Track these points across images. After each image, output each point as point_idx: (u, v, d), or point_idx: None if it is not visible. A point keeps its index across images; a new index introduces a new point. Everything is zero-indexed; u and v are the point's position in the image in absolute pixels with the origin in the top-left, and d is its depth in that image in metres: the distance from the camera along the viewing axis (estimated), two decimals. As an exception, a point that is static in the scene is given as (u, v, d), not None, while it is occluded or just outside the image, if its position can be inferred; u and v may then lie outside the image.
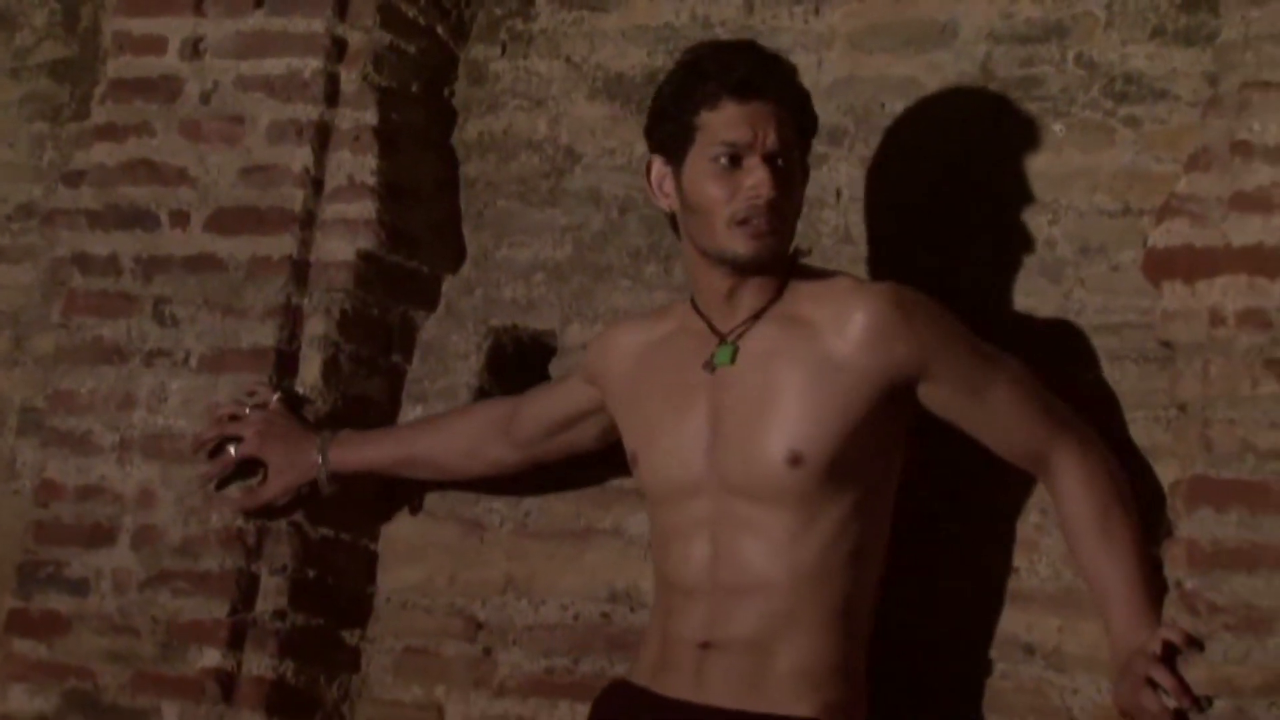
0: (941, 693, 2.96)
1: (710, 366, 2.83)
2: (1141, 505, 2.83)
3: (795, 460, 2.74)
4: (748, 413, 2.78)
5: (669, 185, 2.85)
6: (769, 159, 2.75)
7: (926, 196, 3.13)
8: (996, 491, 2.93)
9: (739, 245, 2.77)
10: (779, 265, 2.82)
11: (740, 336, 2.83)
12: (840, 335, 2.77)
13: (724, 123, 2.76)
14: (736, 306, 2.84)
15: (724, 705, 2.74)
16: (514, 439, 3.14)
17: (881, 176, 3.17)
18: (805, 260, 2.94)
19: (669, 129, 2.82)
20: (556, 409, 3.11)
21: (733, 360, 2.82)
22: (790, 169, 2.78)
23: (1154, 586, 2.75)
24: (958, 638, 2.97)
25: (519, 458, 3.16)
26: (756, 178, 2.74)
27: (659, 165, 2.86)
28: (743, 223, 2.76)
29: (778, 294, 2.84)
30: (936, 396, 2.81)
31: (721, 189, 2.76)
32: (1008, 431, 2.83)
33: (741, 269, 2.80)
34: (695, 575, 2.80)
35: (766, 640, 2.75)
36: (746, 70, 2.78)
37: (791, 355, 2.79)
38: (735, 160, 2.76)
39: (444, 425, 3.24)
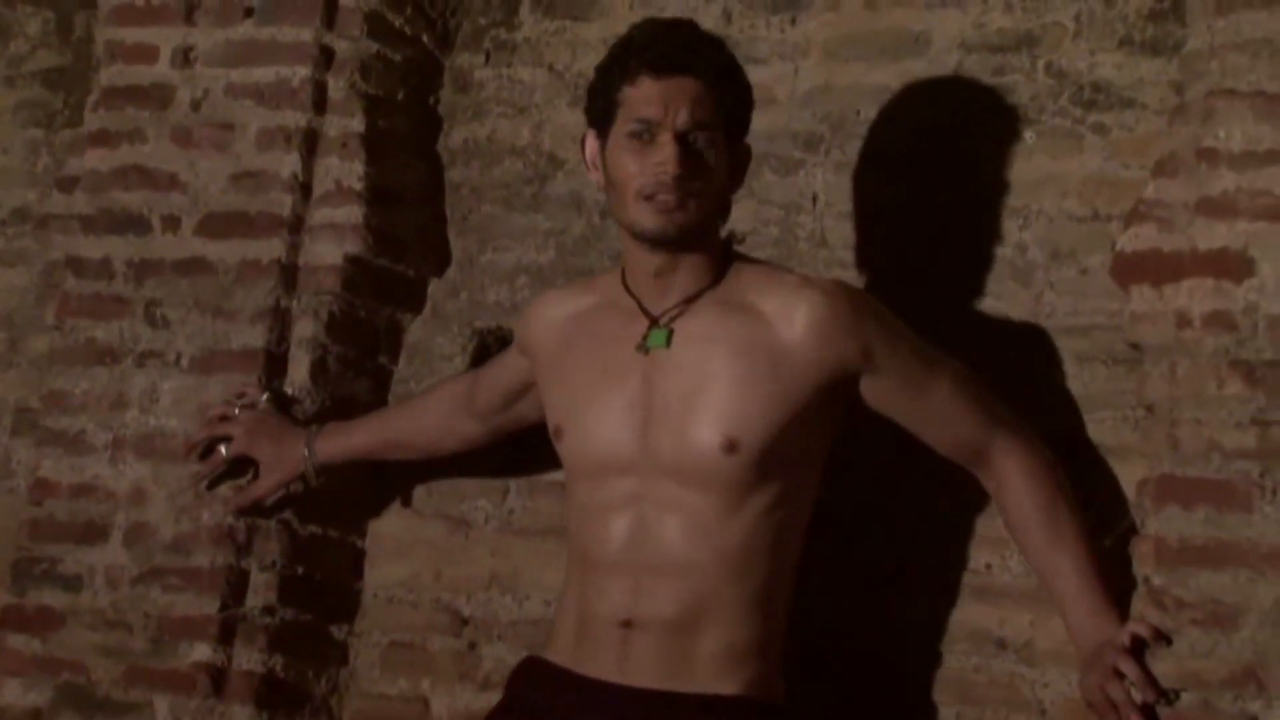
0: (917, 685, 2.95)
1: (644, 349, 2.78)
2: (1106, 503, 2.83)
3: (731, 447, 2.70)
4: (684, 396, 2.74)
5: (599, 159, 2.81)
6: (680, 136, 2.70)
7: (900, 202, 3.13)
8: (969, 491, 2.91)
9: (645, 219, 2.73)
10: (694, 243, 2.76)
11: (674, 319, 2.78)
12: (787, 326, 2.73)
13: (640, 98, 2.72)
14: (669, 288, 2.79)
15: (649, 686, 2.70)
16: (476, 412, 3.13)
17: (857, 182, 3.16)
18: (739, 248, 2.94)
19: (598, 104, 2.79)
20: (504, 381, 3.09)
21: (668, 343, 2.77)
22: (707, 147, 2.72)
23: (1107, 579, 2.75)
24: (932, 632, 2.96)
25: (484, 430, 3.15)
26: (664, 154, 2.69)
27: (591, 140, 2.82)
28: (649, 198, 2.71)
29: (715, 279, 2.80)
30: (880, 390, 2.78)
31: (634, 163, 2.72)
32: (950, 427, 2.81)
33: (652, 244, 2.75)
34: (617, 553, 2.75)
35: (690, 621, 2.72)
36: (665, 47, 2.74)
37: (732, 342, 2.75)
38: (648, 136, 2.71)
39: (416, 406, 3.23)
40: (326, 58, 3.38)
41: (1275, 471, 2.60)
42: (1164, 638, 2.63)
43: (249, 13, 3.42)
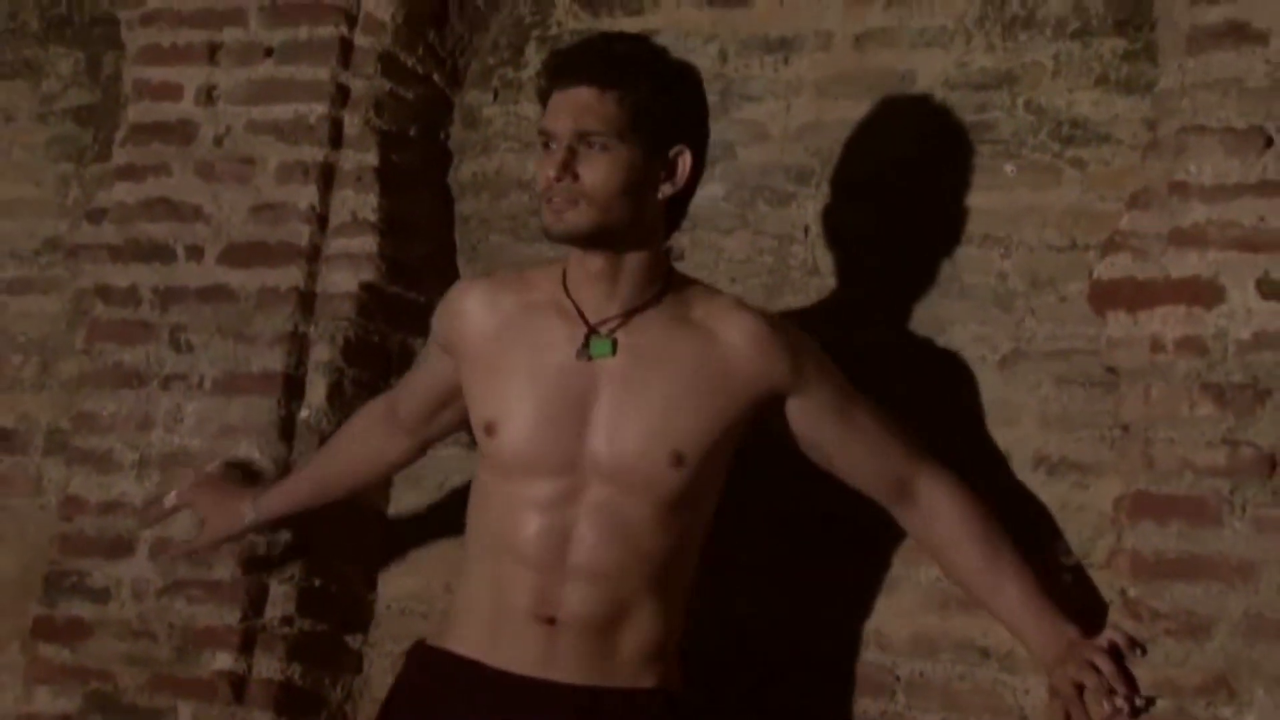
0: (901, 693, 2.95)
1: (586, 356, 2.72)
2: (1084, 519, 2.84)
3: (678, 461, 2.70)
4: (632, 409, 2.71)
5: None
6: (569, 143, 2.66)
7: (888, 232, 3.13)
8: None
9: (545, 220, 2.70)
10: (607, 246, 2.70)
11: (616, 330, 2.74)
12: (729, 345, 2.74)
13: (548, 110, 2.71)
14: (611, 296, 2.74)
15: (573, 682, 2.68)
16: (402, 427, 3.01)
17: (846, 214, 3.16)
18: (677, 264, 2.93)
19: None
20: (427, 386, 2.96)
21: (613, 353, 2.72)
22: (599, 151, 2.65)
23: (1048, 589, 2.77)
24: (919, 641, 2.96)
25: (414, 444, 3.04)
26: (547, 160, 2.68)
27: None
28: (547, 202, 2.68)
29: (658, 293, 2.76)
30: (808, 412, 2.78)
31: (539, 171, 2.70)
32: (876, 455, 2.81)
33: (561, 243, 2.72)
34: (543, 551, 2.69)
35: (614, 621, 2.71)
36: (563, 59, 2.73)
37: (679, 359, 2.73)
38: (549, 145, 2.69)
39: (342, 440, 3.11)
40: (342, 95, 3.39)
41: (1245, 488, 2.60)
42: (1139, 645, 2.63)
43: (269, 53, 3.43)
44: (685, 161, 2.73)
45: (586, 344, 2.73)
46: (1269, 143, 2.69)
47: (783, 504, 3.03)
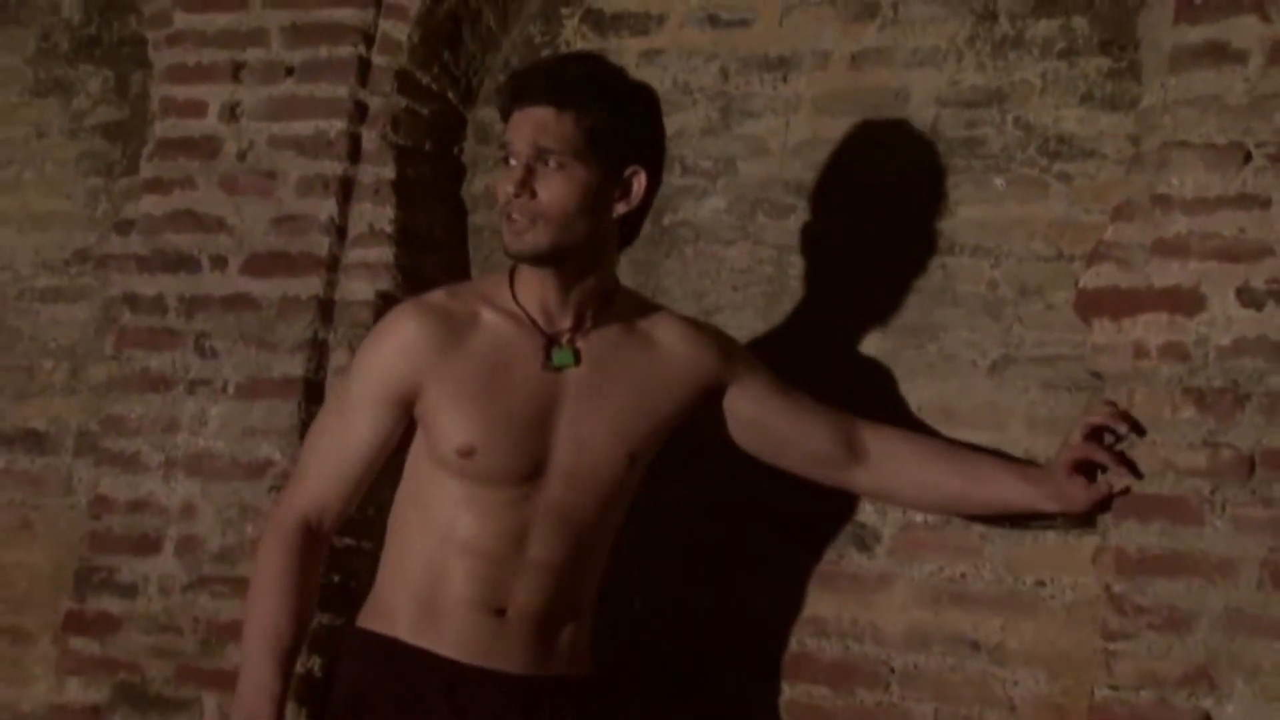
0: (895, 686, 2.95)
1: (552, 367, 2.71)
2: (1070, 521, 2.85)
3: (633, 460, 2.75)
4: (593, 413, 2.72)
5: None
6: (526, 160, 2.64)
7: (883, 242, 3.13)
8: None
9: (505, 239, 2.68)
10: (566, 263, 2.69)
11: (574, 339, 2.74)
12: (671, 350, 2.80)
13: (508, 126, 2.69)
14: (565, 308, 2.73)
15: (517, 671, 2.69)
16: (329, 531, 2.81)
17: (844, 225, 3.16)
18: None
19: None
20: (376, 454, 2.77)
21: (576, 362, 2.73)
22: (555, 169, 2.63)
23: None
24: (912, 635, 2.96)
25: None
26: (506, 175, 2.67)
27: None
28: (507, 218, 2.67)
29: (608, 303, 2.77)
30: (750, 395, 2.84)
31: (499, 187, 2.69)
32: (821, 419, 2.86)
33: (516, 260, 2.69)
34: (500, 547, 2.68)
35: (559, 611, 2.73)
36: (524, 78, 2.71)
37: (629, 364, 2.76)
38: (509, 161, 2.68)
39: (290, 600, 2.75)
40: (360, 112, 3.39)
41: (1224, 489, 2.61)
42: (1128, 420, 2.68)
43: (290, 71, 3.43)
44: (640, 181, 2.72)
45: (548, 355, 2.72)
46: (1248, 157, 2.69)
47: (783, 507, 3.03)
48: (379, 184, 3.36)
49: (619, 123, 2.68)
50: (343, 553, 3.26)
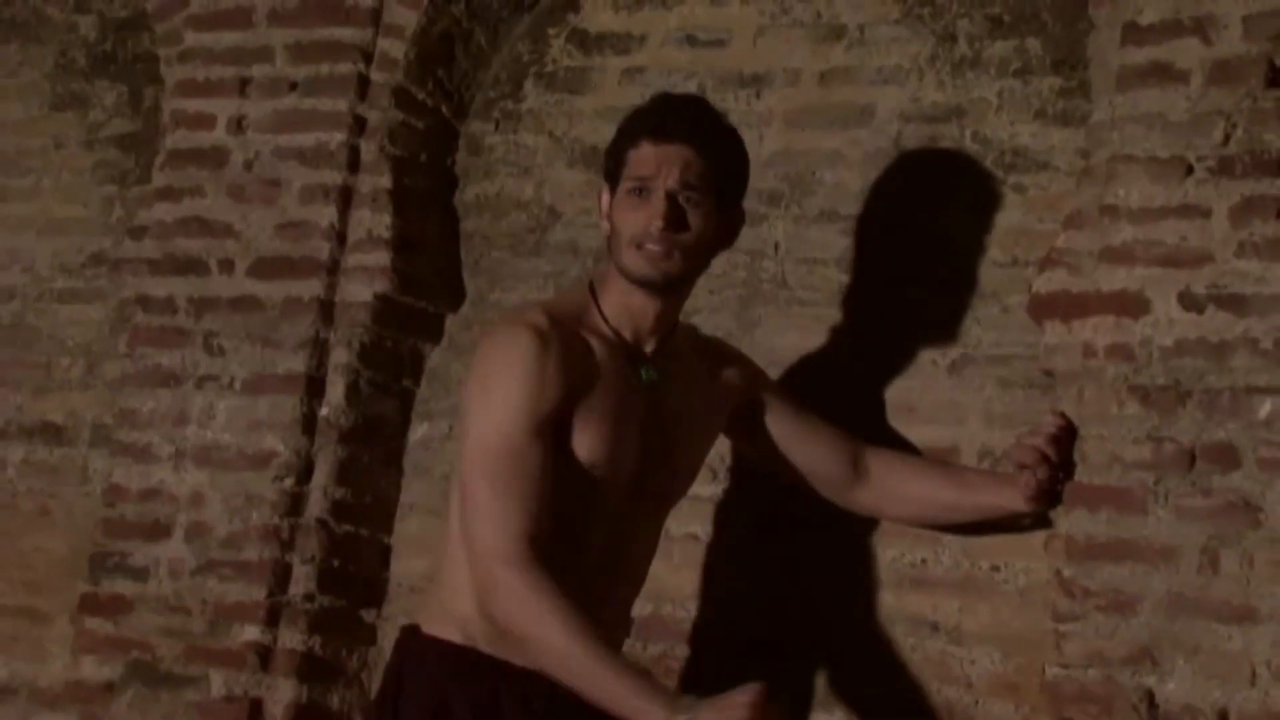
0: (861, 664, 2.96)
1: (645, 382, 2.68)
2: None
3: (696, 471, 2.80)
4: (678, 429, 2.70)
5: (608, 211, 2.70)
6: (670, 194, 2.62)
7: (849, 250, 3.13)
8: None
9: (636, 265, 2.63)
10: (676, 290, 2.68)
11: (658, 357, 2.70)
12: (717, 367, 2.83)
13: (639, 159, 2.64)
14: (653, 331, 2.70)
15: None
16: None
17: (812, 233, 3.17)
18: None
19: (609, 163, 2.71)
20: (551, 479, 2.55)
21: (659, 379, 2.69)
22: (694, 206, 2.62)
23: None
24: (873, 618, 2.96)
25: None
26: (653, 208, 2.62)
27: (604, 194, 2.72)
28: (639, 246, 2.62)
29: (675, 327, 2.76)
30: (769, 413, 2.86)
31: (630, 215, 2.63)
32: (831, 436, 2.87)
33: (639, 285, 2.65)
34: (586, 559, 2.58)
35: (624, 620, 2.74)
36: (664, 116, 2.68)
37: (695, 383, 2.76)
38: (644, 192, 2.63)
39: (578, 616, 2.46)
40: (359, 125, 3.39)
41: (1167, 480, 2.61)
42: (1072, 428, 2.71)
43: (293, 87, 3.43)
44: (740, 219, 2.76)
45: (639, 372, 2.68)
46: (1189, 170, 2.70)
47: (765, 504, 3.04)
48: (377, 192, 3.36)
49: (740, 169, 2.73)
50: (343, 539, 3.26)
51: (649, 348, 2.70)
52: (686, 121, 2.67)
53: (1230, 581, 2.55)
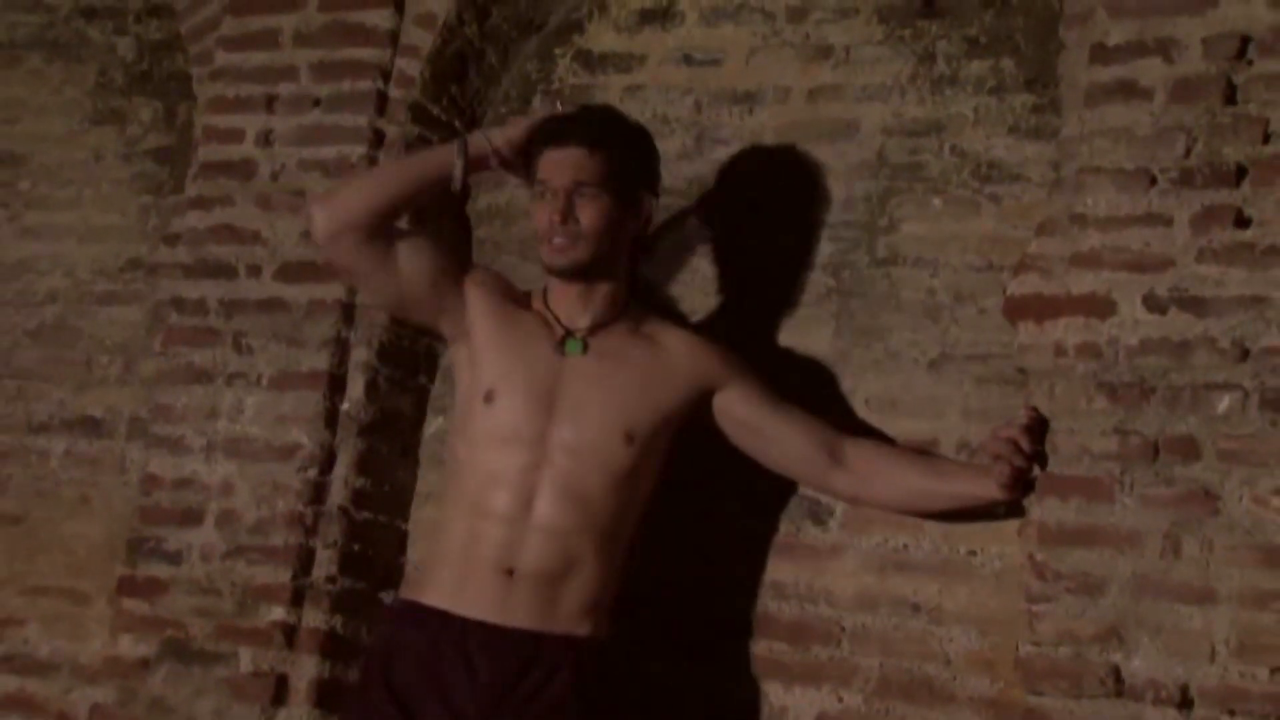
0: (849, 642, 2.96)
1: (561, 352, 2.83)
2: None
3: (629, 439, 2.78)
4: (593, 395, 2.79)
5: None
6: (566, 192, 2.79)
7: (836, 255, 3.13)
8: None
9: (546, 257, 2.85)
10: (596, 276, 2.84)
11: (587, 335, 2.84)
12: (673, 350, 2.87)
13: (543, 165, 2.84)
14: (584, 312, 2.86)
15: (522, 626, 2.71)
16: (440, 261, 2.94)
17: (800, 240, 3.16)
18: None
19: (532, 171, 2.88)
20: (440, 259, 2.92)
21: (583, 352, 2.83)
22: (588, 200, 2.79)
23: None
24: (861, 598, 2.97)
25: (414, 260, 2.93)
26: (549, 206, 2.81)
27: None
28: (548, 241, 2.82)
29: (620, 313, 2.88)
30: (743, 399, 2.87)
31: (539, 215, 2.84)
32: (807, 428, 2.87)
33: (555, 274, 2.85)
34: (509, 510, 2.75)
35: (564, 573, 2.75)
36: (560, 125, 2.85)
37: (631, 357, 2.84)
38: (546, 194, 2.82)
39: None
40: (378, 139, 3.38)
41: (1132, 470, 2.61)
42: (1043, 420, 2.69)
43: (317, 103, 3.43)
44: (648, 204, 2.89)
45: (562, 343, 2.83)
46: (1153, 181, 2.70)
47: (749, 487, 3.03)
48: (395, 202, 3.35)
49: (634, 158, 2.87)
50: (363, 525, 3.26)
51: (581, 325, 2.84)
52: (579, 126, 2.83)
53: (1191, 565, 2.55)
